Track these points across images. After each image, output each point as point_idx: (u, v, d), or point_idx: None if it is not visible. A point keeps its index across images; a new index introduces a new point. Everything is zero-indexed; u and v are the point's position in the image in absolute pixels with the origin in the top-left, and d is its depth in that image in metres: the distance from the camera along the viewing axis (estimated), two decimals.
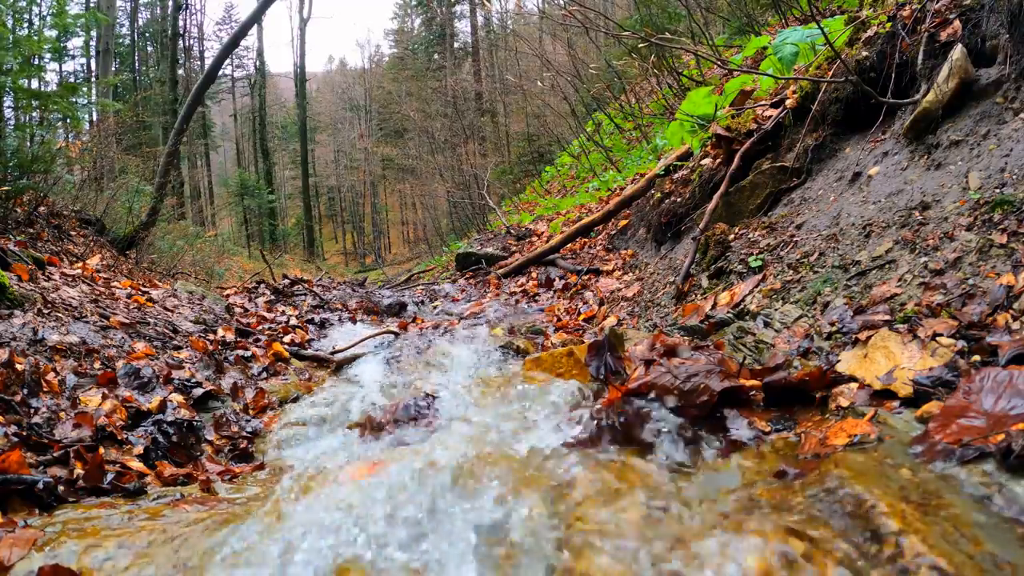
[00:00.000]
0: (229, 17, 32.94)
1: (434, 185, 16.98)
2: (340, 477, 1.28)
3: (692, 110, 3.65)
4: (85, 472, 1.57)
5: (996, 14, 2.18)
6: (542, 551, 1.05)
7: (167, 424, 2.03)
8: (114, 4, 14.70)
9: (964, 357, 1.40)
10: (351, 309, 5.04)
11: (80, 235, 5.63)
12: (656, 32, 7.17)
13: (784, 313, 2.12)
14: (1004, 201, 1.75)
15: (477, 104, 23.30)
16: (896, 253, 1.95)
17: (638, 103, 10.38)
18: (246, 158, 33.47)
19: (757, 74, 3.36)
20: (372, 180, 36.14)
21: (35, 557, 1.13)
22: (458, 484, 1.20)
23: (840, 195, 2.53)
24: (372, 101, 37.57)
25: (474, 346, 3.01)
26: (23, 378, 1.94)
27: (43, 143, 5.36)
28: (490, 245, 7.55)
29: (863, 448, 1.22)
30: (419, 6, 32.55)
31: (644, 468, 1.29)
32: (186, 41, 25.35)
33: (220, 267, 10.99)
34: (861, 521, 0.95)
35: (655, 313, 3.09)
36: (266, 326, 3.93)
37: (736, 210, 3.10)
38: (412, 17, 35.95)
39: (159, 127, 19.51)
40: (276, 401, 2.63)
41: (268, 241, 25.63)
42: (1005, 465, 1.01)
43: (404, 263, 22.24)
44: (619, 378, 1.80)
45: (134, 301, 3.36)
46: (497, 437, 1.59)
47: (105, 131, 7.79)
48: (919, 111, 2.28)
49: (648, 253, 4.20)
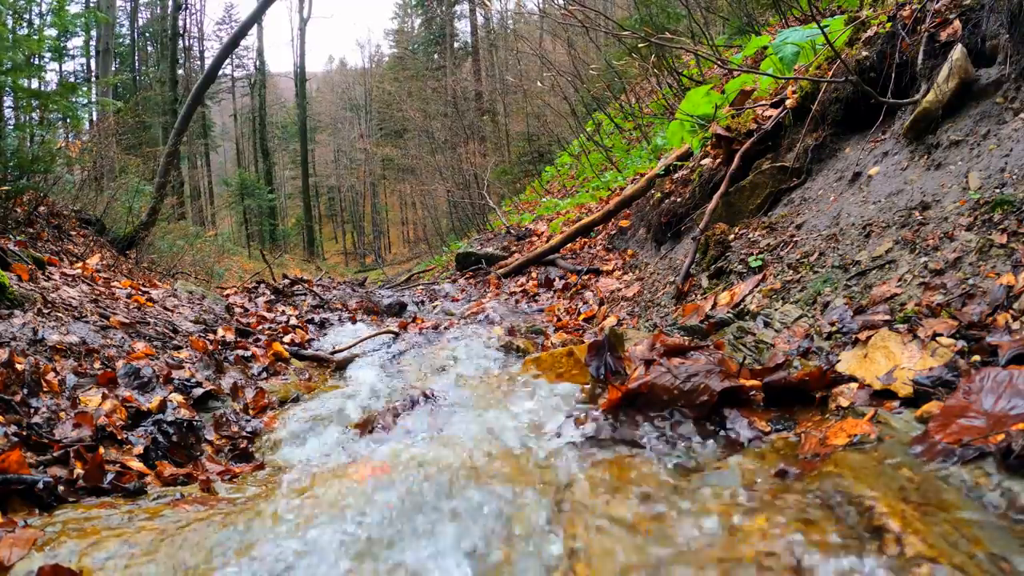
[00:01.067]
0: (229, 17, 32.92)
1: (434, 185, 16.97)
2: (340, 477, 1.28)
3: (692, 110, 3.65)
4: (85, 472, 1.57)
5: (996, 14, 2.18)
6: (542, 551, 1.05)
7: (167, 424, 2.03)
8: (114, 4, 14.70)
9: (964, 357, 1.40)
10: (351, 309, 5.04)
11: (80, 235, 5.63)
12: (656, 32, 7.17)
13: (784, 313, 2.13)
14: (1004, 201, 1.75)
15: (477, 104, 23.31)
16: (896, 253, 1.95)
17: (638, 103, 10.39)
18: (246, 158, 33.47)
19: (757, 74, 3.36)
20: (372, 180, 36.12)
21: (35, 557, 1.12)
22: (458, 484, 1.20)
23: (840, 195, 2.53)
24: (372, 101, 37.58)
25: (474, 346, 3.01)
26: (23, 378, 1.94)
27: (43, 143, 5.36)
28: (490, 245, 7.55)
29: (863, 448, 1.22)
30: (419, 6, 32.56)
31: (644, 468, 1.29)
32: (186, 41, 25.35)
33: (220, 267, 11.00)
34: (861, 521, 0.95)
35: (655, 313, 3.09)
36: (266, 326, 3.93)
37: (736, 210, 3.10)
38: (412, 17, 35.96)
39: (159, 127, 19.51)
40: (276, 401, 2.63)
41: (268, 241, 25.64)
42: (1005, 465, 1.01)
43: (404, 263, 22.23)
44: (619, 378, 1.80)
45: (134, 301, 3.36)
46: (497, 437, 1.59)
47: (105, 131, 7.79)
48: (919, 111, 2.28)
49: (648, 253, 4.20)
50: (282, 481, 1.34)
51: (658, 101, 8.37)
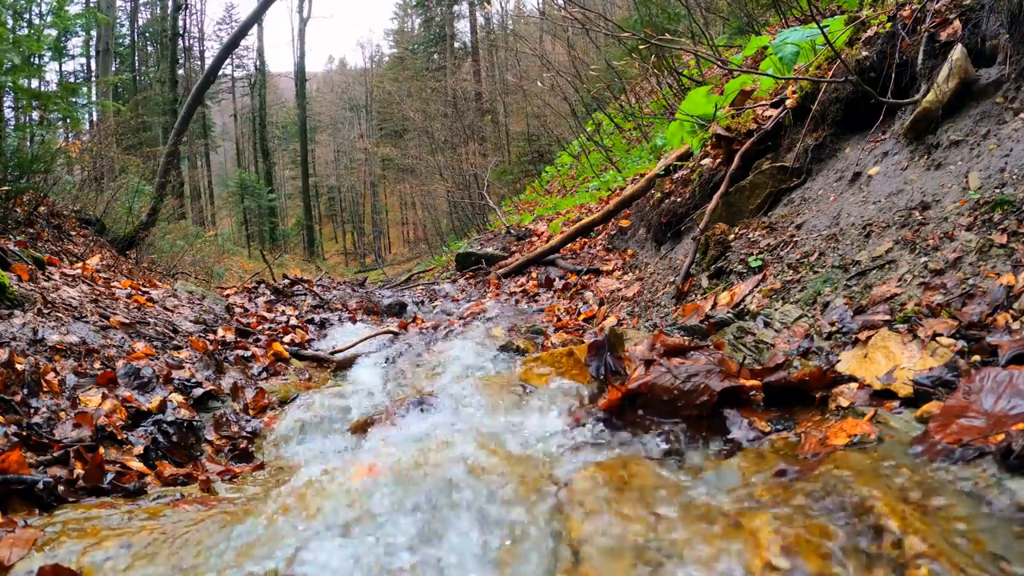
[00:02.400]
0: (229, 17, 32.93)
1: (434, 185, 16.97)
2: (340, 477, 1.28)
3: (692, 110, 3.65)
4: (85, 472, 1.57)
5: (996, 14, 2.18)
6: (542, 550, 1.05)
7: (167, 424, 2.03)
8: (114, 4, 14.70)
9: (964, 357, 1.40)
10: (351, 309, 5.04)
11: (80, 235, 5.63)
12: (656, 32, 7.17)
13: (784, 313, 2.12)
14: (1004, 201, 1.75)
15: (477, 104, 23.32)
16: (896, 253, 1.95)
17: (638, 103, 10.38)
18: (246, 158, 33.47)
19: (757, 74, 3.36)
20: (372, 180, 36.14)
21: (35, 557, 1.12)
22: (458, 484, 1.20)
23: (840, 195, 2.53)
24: (372, 101, 37.58)
25: (474, 346, 3.01)
26: (23, 378, 1.94)
27: (43, 143, 5.36)
28: (490, 245, 7.55)
29: (863, 448, 1.22)
30: (419, 6, 32.57)
31: (644, 468, 1.29)
32: (186, 41, 25.36)
33: (220, 267, 11.01)
34: (861, 521, 0.95)
35: (655, 313, 3.09)
36: (266, 326, 3.93)
37: (736, 210, 3.10)
38: (412, 17, 35.98)
39: (159, 127, 19.52)
40: (276, 401, 2.63)
41: (268, 241, 25.64)
42: (1005, 465, 1.01)
43: (404, 263, 22.23)
44: (619, 378, 1.80)
45: (134, 301, 3.36)
46: (496, 437, 1.59)
47: (105, 131, 7.80)
48: (919, 111, 2.28)
49: (648, 253, 4.20)
50: (282, 481, 1.34)
51: (658, 101, 8.37)
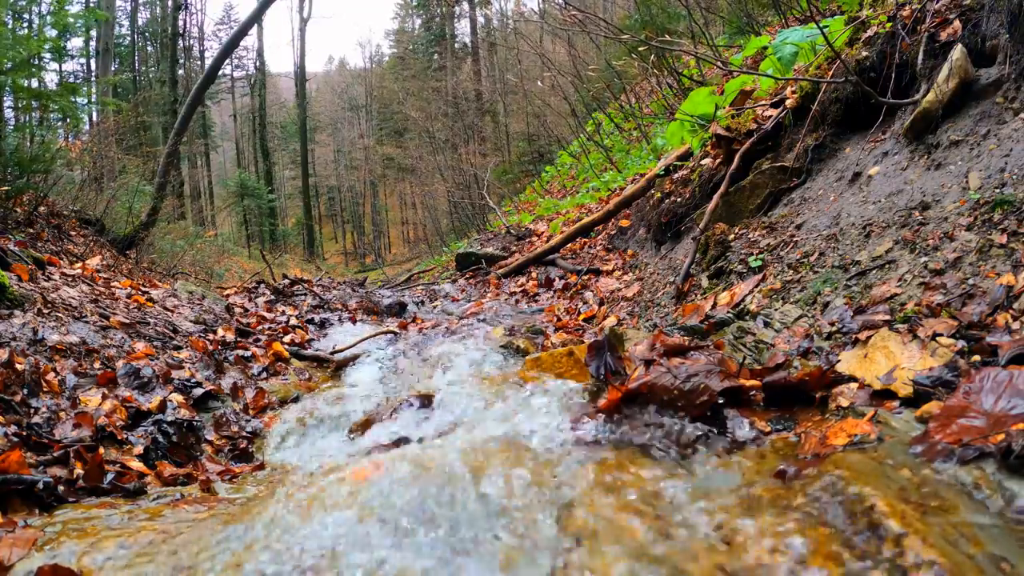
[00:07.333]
0: (229, 17, 32.93)
1: (434, 185, 16.98)
2: (340, 477, 1.28)
3: (692, 110, 3.65)
4: (85, 472, 1.57)
5: (996, 14, 2.18)
6: (543, 550, 1.05)
7: (167, 424, 2.03)
8: (113, 3, 14.70)
9: (964, 357, 1.40)
10: (351, 309, 5.04)
11: (80, 235, 5.63)
12: (656, 32, 7.17)
13: (784, 313, 2.12)
14: (1004, 201, 1.75)
15: (477, 104, 23.32)
16: (896, 253, 1.95)
17: (638, 103, 10.38)
18: (246, 158, 33.46)
19: (757, 74, 3.36)
20: (372, 180, 36.12)
21: (35, 557, 1.12)
22: (458, 484, 1.20)
23: (840, 195, 2.53)
24: (372, 101, 37.58)
25: (474, 346, 3.01)
26: (23, 378, 1.94)
27: (43, 143, 5.36)
28: (490, 245, 7.55)
29: (863, 448, 1.22)
30: (419, 6, 32.57)
31: (644, 468, 1.29)
32: (186, 41, 25.34)
33: (220, 267, 11.01)
34: (861, 521, 0.95)
35: (655, 313, 3.09)
36: (266, 326, 3.93)
37: (736, 210, 3.10)
38: (412, 17, 35.98)
39: (159, 127, 19.51)
40: (276, 401, 2.63)
41: (268, 241, 25.61)
42: (1005, 465, 1.01)
43: (404, 263, 22.22)
44: (619, 378, 1.80)
45: (134, 301, 3.36)
46: (496, 437, 1.59)
47: (105, 131, 7.80)
48: (919, 111, 2.28)
49: (648, 253, 4.20)
50: (282, 481, 1.34)
51: (658, 101, 8.37)
